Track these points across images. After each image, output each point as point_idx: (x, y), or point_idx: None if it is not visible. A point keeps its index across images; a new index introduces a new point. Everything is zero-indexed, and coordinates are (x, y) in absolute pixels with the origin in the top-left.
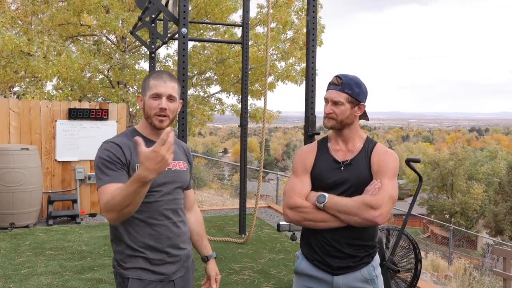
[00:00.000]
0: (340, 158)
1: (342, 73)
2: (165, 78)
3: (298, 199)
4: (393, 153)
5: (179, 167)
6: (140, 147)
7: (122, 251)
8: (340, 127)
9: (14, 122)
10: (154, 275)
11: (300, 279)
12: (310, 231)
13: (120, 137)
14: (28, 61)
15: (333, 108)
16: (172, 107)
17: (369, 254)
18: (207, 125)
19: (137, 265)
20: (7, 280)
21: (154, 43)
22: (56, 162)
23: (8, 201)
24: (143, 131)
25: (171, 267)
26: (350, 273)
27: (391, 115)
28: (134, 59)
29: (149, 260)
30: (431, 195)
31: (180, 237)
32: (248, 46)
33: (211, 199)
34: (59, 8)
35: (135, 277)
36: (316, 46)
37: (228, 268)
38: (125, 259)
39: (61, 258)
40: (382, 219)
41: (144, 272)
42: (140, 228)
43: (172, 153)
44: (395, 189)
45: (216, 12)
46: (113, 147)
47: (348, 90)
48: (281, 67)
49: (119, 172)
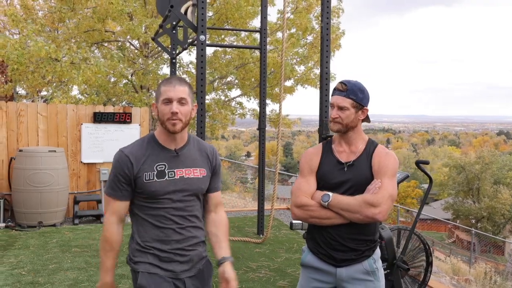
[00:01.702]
0: (344, 159)
1: (346, 79)
2: (174, 83)
3: (304, 198)
4: (393, 154)
5: (194, 175)
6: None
7: (133, 248)
8: (345, 131)
9: (42, 125)
10: (162, 271)
11: (306, 270)
12: (316, 227)
13: (134, 146)
14: (55, 67)
15: (339, 113)
16: (184, 110)
17: (370, 248)
18: (230, 129)
19: (146, 260)
20: (36, 275)
21: (175, 49)
22: (82, 164)
23: (36, 201)
24: (160, 138)
25: (179, 266)
26: (352, 265)
27: (417, 118)
28: (157, 64)
29: (158, 256)
30: (456, 199)
31: (189, 241)
32: (266, 51)
33: (233, 202)
34: (85, 15)
35: (144, 270)
36: (330, 52)
37: (245, 267)
38: (136, 254)
39: (86, 255)
40: (382, 216)
41: (152, 267)
42: (149, 229)
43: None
44: (395, 188)
45: (237, 18)
46: (122, 160)
47: (352, 95)
48: (301, 71)
49: (122, 192)
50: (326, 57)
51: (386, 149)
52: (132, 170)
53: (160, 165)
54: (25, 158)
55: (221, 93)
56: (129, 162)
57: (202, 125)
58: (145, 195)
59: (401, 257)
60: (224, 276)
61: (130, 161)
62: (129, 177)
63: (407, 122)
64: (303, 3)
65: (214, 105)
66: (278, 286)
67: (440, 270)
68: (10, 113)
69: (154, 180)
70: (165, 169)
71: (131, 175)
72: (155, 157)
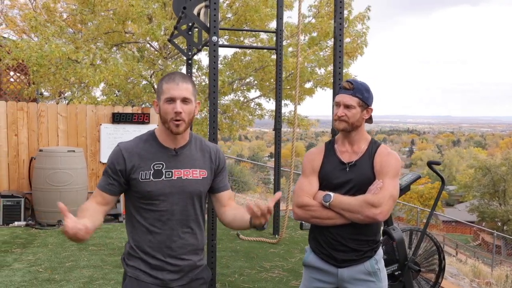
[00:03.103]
0: (346, 159)
1: (351, 79)
2: (178, 80)
3: (306, 198)
4: (396, 154)
5: (193, 176)
6: (65, 219)
7: (127, 250)
8: (350, 129)
9: (62, 126)
10: (150, 278)
11: (308, 270)
12: (318, 227)
13: (132, 141)
14: (76, 68)
15: (345, 111)
16: (187, 110)
17: (372, 248)
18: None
19: (136, 265)
20: (52, 272)
21: (191, 50)
22: (101, 163)
23: (55, 200)
24: (160, 137)
25: (170, 275)
26: (353, 265)
27: (442, 119)
28: (176, 65)
29: (149, 264)
30: (481, 201)
31: (183, 249)
32: (282, 52)
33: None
34: (105, 17)
35: (132, 276)
36: (343, 52)
37: (259, 266)
38: (129, 257)
39: (102, 253)
40: (382, 217)
41: (141, 273)
42: (142, 233)
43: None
44: (396, 189)
45: (256, 19)
46: (116, 154)
47: (359, 94)
48: (321, 74)
49: (109, 187)
50: (339, 57)
51: (388, 149)
52: (124, 165)
53: (158, 164)
54: (44, 158)
55: (240, 94)
56: (121, 157)
57: (215, 125)
58: (140, 195)
59: (413, 258)
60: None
61: (123, 156)
62: (118, 172)
63: (432, 123)
64: (325, 9)
65: (233, 106)
66: (290, 286)
67: (460, 272)
68: (31, 114)
69: (150, 179)
70: (162, 169)
71: (123, 170)
72: (153, 155)
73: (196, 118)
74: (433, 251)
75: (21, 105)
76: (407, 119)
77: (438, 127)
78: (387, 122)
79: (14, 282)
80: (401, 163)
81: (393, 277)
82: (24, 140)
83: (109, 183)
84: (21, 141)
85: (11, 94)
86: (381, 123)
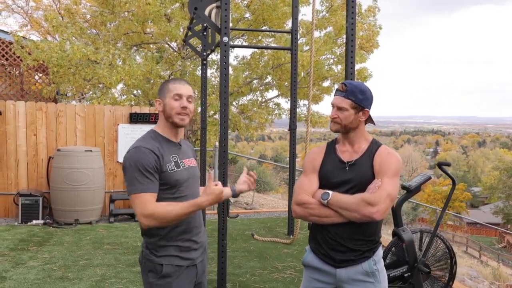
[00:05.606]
0: (346, 158)
1: (348, 81)
2: (184, 82)
3: (305, 196)
4: (396, 154)
5: (193, 164)
6: (210, 182)
7: (155, 242)
8: (344, 131)
9: (80, 126)
10: (182, 261)
11: (307, 270)
12: (317, 227)
13: (149, 141)
14: (95, 69)
15: (338, 113)
16: (191, 107)
17: (371, 249)
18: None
19: (167, 253)
20: (66, 270)
21: (205, 51)
22: (118, 163)
23: (73, 199)
24: (164, 133)
25: (195, 253)
26: (351, 266)
27: (467, 120)
28: (194, 65)
29: (180, 247)
30: (506, 203)
31: (199, 227)
32: (297, 52)
33: (273, 203)
34: (125, 18)
35: (167, 263)
36: (355, 52)
37: (271, 267)
38: (158, 249)
39: (116, 252)
40: (379, 215)
41: (174, 258)
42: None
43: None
44: (394, 188)
45: (273, 18)
46: (147, 154)
47: (351, 96)
48: (338, 71)
49: (155, 183)
50: (351, 57)
51: (389, 149)
52: (159, 162)
53: (174, 156)
54: (62, 157)
55: (258, 94)
56: (153, 156)
57: (225, 125)
58: (168, 186)
59: (422, 260)
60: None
61: (156, 155)
62: (158, 169)
63: (457, 124)
64: (338, 1)
65: (250, 106)
66: None
67: (480, 275)
68: (49, 114)
69: (175, 170)
70: (178, 160)
71: (158, 166)
72: (169, 149)
73: (214, 119)
74: (444, 254)
75: (40, 105)
76: (431, 120)
77: (463, 127)
78: (411, 122)
79: (28, 280)
80: (402, 163)
81: (402, 279)
82: (43, 139)
83: (154, 181)
84: (39, 140)
85: (33, 95)
86: (405, 123)
